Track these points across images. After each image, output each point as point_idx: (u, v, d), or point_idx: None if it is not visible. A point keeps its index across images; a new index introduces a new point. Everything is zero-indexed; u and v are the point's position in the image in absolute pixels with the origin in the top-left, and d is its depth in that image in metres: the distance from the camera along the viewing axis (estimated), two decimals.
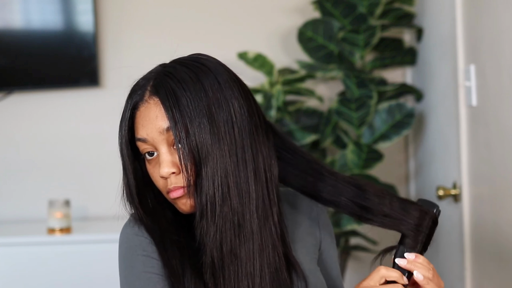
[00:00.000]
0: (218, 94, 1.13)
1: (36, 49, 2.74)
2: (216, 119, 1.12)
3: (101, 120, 2.79)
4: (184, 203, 1.15)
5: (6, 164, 2.80)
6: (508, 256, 1.88)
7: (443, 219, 2.45)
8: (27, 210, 2.78)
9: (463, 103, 2.14)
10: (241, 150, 1.13)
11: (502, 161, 1.90)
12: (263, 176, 1.15)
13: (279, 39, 2.82)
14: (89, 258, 2.42)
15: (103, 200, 2.74)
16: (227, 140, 1.12)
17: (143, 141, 1.15)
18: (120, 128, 1.18)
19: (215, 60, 1.19)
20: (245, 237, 1.13)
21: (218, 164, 1.11)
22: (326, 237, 1.30)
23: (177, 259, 1.15)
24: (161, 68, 1.18)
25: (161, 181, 1.16)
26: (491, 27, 1.93)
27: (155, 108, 1.14)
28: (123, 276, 1.18)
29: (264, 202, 1.14)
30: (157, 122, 1.13)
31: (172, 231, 1.18)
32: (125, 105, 1.18)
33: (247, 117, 1.15)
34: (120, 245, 1.20)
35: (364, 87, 2.53)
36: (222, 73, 1.16)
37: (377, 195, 1.18)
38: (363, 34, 2.53)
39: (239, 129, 1.13)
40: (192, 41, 2.76)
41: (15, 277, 2.42)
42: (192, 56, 1.19)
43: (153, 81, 1.16)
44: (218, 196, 1.11)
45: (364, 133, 2.56)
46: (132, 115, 1.17)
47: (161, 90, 1.13)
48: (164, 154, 1.14)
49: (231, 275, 1.12)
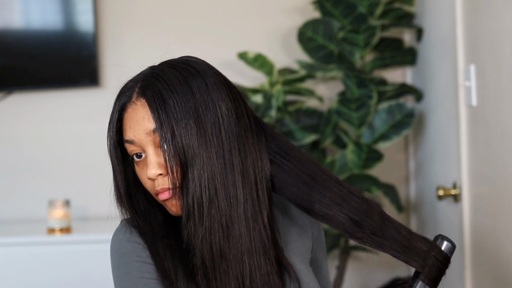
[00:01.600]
0: (206, 96, 1.13)
1: (36, 49, 2.74)
2: (203, 121, 1.12)
3: (101, 120, 2.77)
4: (173, 204, 1.15)
5: (6, 164, 2.80)
6: (508, 256, 1.88)
7: (443, 219, 2.45)
8: (27, 210, 2.78)
9: (463, 103, 2.14)
10: (228, 153, 1.12)
11: (502, 161, 1.90)
12: (252, 179, 1.14)
13: (279, 39, 2.82)
14: (89, 258, 2.42)
15: (103, 200, 2.71)
16: (214, 143, 1.12)
17: (131, 142, 1.15)
18: (108, 130, 1.18)
19: (204, 62, 1.19)
20: (234, 239, 1.12)
21: (205, 166, 1.11)
22: (318, 235, 1.31)
23: (169, 262, 1.15)
24: (150, 70, 1.18)
25: (149, 182, 1.16)
26: (491, 27, 1.93)
27: (142, 109, 1.14)
28: (118, 284, 1.17)
29: (253, 205, 1.14)
30: (144, 123, 1.13)
31: (164, 234, 1.18)
32: (113, 107, 1.18)
33: (235, 120, 1.14)
34: (112, 252, 1.19)
35: (364, 87, 2.53)
36: (210, 76, 1.16)
37: (382, 217, 1.16)
38: (363, 34, 2.53)
39: (226, 132, 1.13)
40: (192, 41, 2.76)
41: (15, 277, 2.42)
42: (182, 58, 1.20)
43: (141, 83, 1.16)
44: (205, 198, 1.11)
45: (364, 133, 2.56)
46: (120, 117, 1.17)
47: (148, 92, 1.14)
48: (151, 155, 1.14)
49: (222, 277, 1.12)
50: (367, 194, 2.59)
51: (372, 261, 2.74)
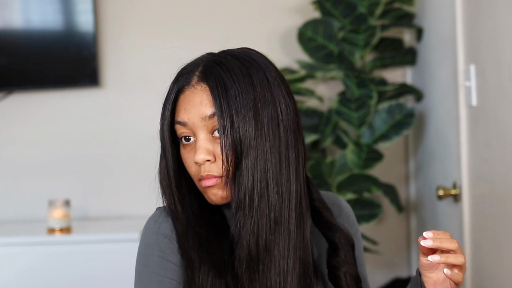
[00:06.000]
0: (265, 90, 1.14)
1: (36, 49, 2.74)
2: (261, 114, 1.13)
3: (101, 120, 2.79)
4: (214, 193, 1.15)
5: (6, 164, 2.80)
6: (508, 256, 1.88)
7: (443, 219, 2.45)
8: (27, 210, 2.78)
9: (463, 103, 2.14)
10: (284, 148, 1.14)
11: (502, 161, 1.90)
12: (302, 176, 1.16)
13: (279, 39, 2.82)
14: (89, 258, 2.42)
15: (103, 200, 2.74)
16: (270, 137, 1.13)
17: (183, 124, 1.16)
18: (163, 110, 1.18)
19: (265, 57, 1.20)
20: (281, 234, 1.13)
21: (259, 159, 1.11)
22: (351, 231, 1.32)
23: (196, 252, 1.15)
24: (211, 56, 1.19)
25: (194, 167, 1.16)
26: (491, 27, 1.93)
27: (201, 93, 1.15)
28: (137, 272, 1.19)
29: (301, 202, 1.15)
30: (201, 107, 1.14)
31: (196, 223, 1.18)
32: (170, 88, 1.18)
33: (293, 117, 1.16)
34: (141, 240, 1.21)
35: (364, 87, 2.53)
36: (271, 71, 1.17)
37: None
38: (363, 34, 2.53)
39: (284, 128, 1.14)
40: (192, 41, 2.76)
41: (15, 277, 2.42)
42: (243, 49, 1.21)
43: (202, 67, 1.17)
44: (256, 191, 1.11)
45: (364, 133, 2.56)
46: (175, 98, 1.17)
47: (210, 78, 1.14)
48: (201, 140, 1.14)
49: (265, 271, 1.13)
50: (367, 194, 2.59)
51: (372, 261, 2.74)
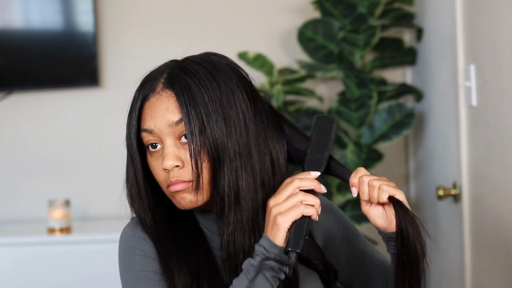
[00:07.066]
0: (230, 94, 1.15)
1: (36, 49, 2.74)
2: (229, 118, 1.14)
3: (101, 120, 2.79)
4: (183, 197, 1.16)
5: (6, 164, 2.80)
6: (508, 256, 1.88)
7: (443, 219, 2.45)
8: (27, 210, 2.78)
9: (463, 103, 2.14)
10: (256, 144, 1.15)
11: (502, 161, 1.90)
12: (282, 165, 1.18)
13: (279, 39, 2.82)
14: (89, 258, 2.42)
15: (103, 200, 2.74)
16: (242, 137, 1.14)
17: (149, 132, 1.16)
18: (129, 118, 1.18)
19: (227, 60, 1.21)
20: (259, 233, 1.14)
21: (232, 163, 1.13)
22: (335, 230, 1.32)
23: (173, 256, 1.16)
24: (175, 63, 1.19)
25: (163, 174, 1.16)
26: (491, 27, 1.93)
27: (167, 100, 1.15)
28: (122, 277, 1.19)
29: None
30: (167, 114, 1.14)
31: (168, 229, 1.19)
32: (135, 96, 1.18)
33: (253, 117, 1.16)
34: (119, 248, 1.21)
35: (364, 87, 2.53)
36: (233, 74, 1.18)
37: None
38: (363, 34, 2.53)
39: (248, 130, 1.15)
40: (192, 41, 2.75)
41: (15, 277, 2.42)
42: (205, 55, 1.21)
43: (167, 74, 1.17)
44: (232, 193, 1.13)
45: (364, 133, 2.56)
46: (141, 106, 1.17)
47: (176, 84, 1.15)
48: (169, 147, 1.14)
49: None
50: None
51: None
